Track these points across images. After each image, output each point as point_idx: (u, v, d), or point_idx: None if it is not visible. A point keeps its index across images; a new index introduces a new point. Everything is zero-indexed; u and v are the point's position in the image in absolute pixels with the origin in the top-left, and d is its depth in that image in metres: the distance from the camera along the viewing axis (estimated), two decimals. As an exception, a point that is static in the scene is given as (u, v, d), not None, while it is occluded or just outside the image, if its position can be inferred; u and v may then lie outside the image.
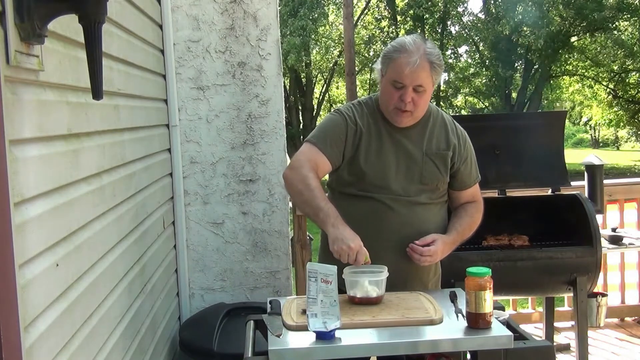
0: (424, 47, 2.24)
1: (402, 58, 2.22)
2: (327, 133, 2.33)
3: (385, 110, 2.32)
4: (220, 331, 2.82)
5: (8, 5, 1.23)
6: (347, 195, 2.32)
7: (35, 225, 1.39)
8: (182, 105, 3.29)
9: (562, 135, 3.64)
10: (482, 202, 2.48)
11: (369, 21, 24.49)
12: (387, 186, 2.30)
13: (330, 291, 1.81)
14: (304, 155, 2.30)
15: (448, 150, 2.36)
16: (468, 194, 2.44)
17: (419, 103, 2.25)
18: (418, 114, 2.30)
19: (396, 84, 2.24)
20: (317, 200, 2.18)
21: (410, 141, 2.34)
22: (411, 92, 2.22)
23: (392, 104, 2.26)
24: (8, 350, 1.15)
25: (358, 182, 2.32)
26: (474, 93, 26.20)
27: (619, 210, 4.29)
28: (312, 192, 2.19)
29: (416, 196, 2.32)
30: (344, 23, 15.62)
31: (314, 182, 2.22)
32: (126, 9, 2.38)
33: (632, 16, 20.30)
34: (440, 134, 2.38)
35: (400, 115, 2.27)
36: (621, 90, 22.72)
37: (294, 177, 2.27)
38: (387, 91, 2.28)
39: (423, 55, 2.22)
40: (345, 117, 2.34)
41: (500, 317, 1.98)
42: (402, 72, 2.21)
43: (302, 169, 2.25)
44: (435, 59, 2.25)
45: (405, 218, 2.27)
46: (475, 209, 2.42)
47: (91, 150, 1.86)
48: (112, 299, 2.00)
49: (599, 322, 3.54)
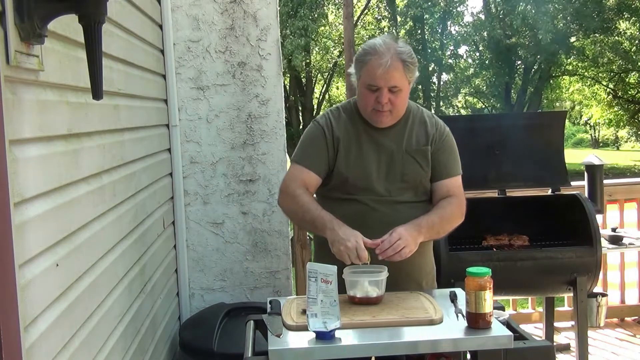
0: (394, 46, 2.24)
1: (373, 60, 2.23)
2: (308, 148, 2.38)
3: (365, 113, 2.33)
4: (220, 331, 2.82)
5: (8, 5, 1.23)
6: (332, 199, 2.33)
7: (35, 226, 1.39)
8: (182, 105, 3.29)
9: (562, 135, 3.63)
10: (463, 198, 2.41)
11: (369, 21, 24.50)
12: (369, 188, 2.31)
13: (330, 291, 1.81)
14: (290, 177, 2.37)
15: (427, 144, 2.36)
16: (444, 187, 2.38)
17: (396, 103, 2.26)
18: (397, 113, 2.31)
19: (371, 87, 2.25)
20: (311, 212, 2.23)
21: (391, 140, 2.34)
22: (387, 93, 2.23)
23: (370, 107, 2.28)
24: (8, 350, 1.15)
25: (341, 185, 2.33)
26: (473, 93, 26.21)
27: (619, 210, 4.29)
28: (304, 206, 2.25)
29: (399, 195, 2.33)
30: (344, 23, 15.62)
31: (305, 198, 2.27)
32: (126, 9, 2.38)
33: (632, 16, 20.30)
34: (419, 131, 2.38)
35: (379, 115, 2.29)
36: (621, 90, 22.73)
37: (286, 201, 2.35)
38: (364, 95, 2.29)
39: (394, 55, 2.22)
40: (322, 127, 2.37)
41: (500, 317, 1.98)
42: (375, 75, 2.22)
43: (289, 189, 2.31)
44: (408, 57, 2.25)
45: (389, 218, 2.26)
46: (447, 202, 2.35)
47: (91, 150, 1.86)
48: (112, 299, 2.00)
49: (599, 322, 3.53)
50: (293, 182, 2.32)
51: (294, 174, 2.35)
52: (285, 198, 2.35)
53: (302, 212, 2.27)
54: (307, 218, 2.25)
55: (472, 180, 3.51)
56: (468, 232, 3.39)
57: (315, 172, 2.33)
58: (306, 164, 2.34)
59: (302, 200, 2.26)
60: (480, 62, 24.10)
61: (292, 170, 2.39)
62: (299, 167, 2.35)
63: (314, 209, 2.23)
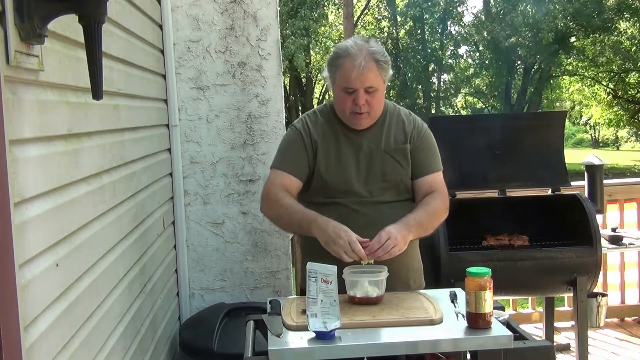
0: (366, 47, 2.24)
1: (347, 63, 2.22)
2: (287, 152, 2.37)
3: (343, 117, 2.33)
4: (220, 331, 2.82)
5: (8, 5, 1.23)
6: (314, 203, 2.30)
7: (35, 226, 1.39)
8: (182, 105, 3.29)
9: (562, 135, 3.64)
10: (446, 193, 2.41)
11: (369, 21, 24.51)
12: (350, 190, 2.31)
13: (330, 291, 1.81)
14: (270, 184, 2.34)
15: (406, 142, 2.36)
16: (426, 183, 2.37)
17: (373, 103, 2.26)
18: (375, 113, 2.31)
19: (347, 90, 2.24)
20: (297, 214, 2.22)
21: (369, 141, 2.34)
22: (363, 94, 2.23)
23: (348, 110, 2.27)
24: (8, 350, 1.15)
25: (322, 189, 2.33)
26: (473, 93, 26.21)
27: (619, 210, 4.30)
28: (288, 209, 2.24)
29: (380, 196, 2.32)
30: (344, 23, 15.64)
31: (287, 200, 2.26)
32: (126, 9, 2.38)
33: (632, 16, 20.31)
34: (397, 129, 2.38)
35: (358, 118, 2.28)
36: (621, 90, 22.73)
37: (268, 207, 2.34)
38: (340, 98, 2.29)
39: (367, 55, 2.22)
40: (299, 131, 2.36)
41: (500, 317, 1.98)
42: (350, 77, 2.22)
43: (270, 195, 2.30)
44: (381, 57, 2.25)
45: (371, 219, 2.26)
46: (432, 197, 2.34)
47: (91, 150, 1.86)
48: (112, 299, 2.00)
49: (599, 322, 3.54)
50: (273, 186, 2.30)
51: (274, 180, 2.33)
52: (267, 204, 2.33)
53: (287, 215, 2.25)
54: (294, 220, 2.23)
55: (472, 180, 3.54)
56: (468, 232, 3.41)
57: (296, 176, 2.31)
58: (286, 168, 2.32)
59: (285, 203, 2.25)
60: (480, 62, 24.11)
61: (271, 176, 2.36)
62: (278, 172, 2.33)
63: (298, 210, 2.22)
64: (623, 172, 20.38)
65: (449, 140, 3.49)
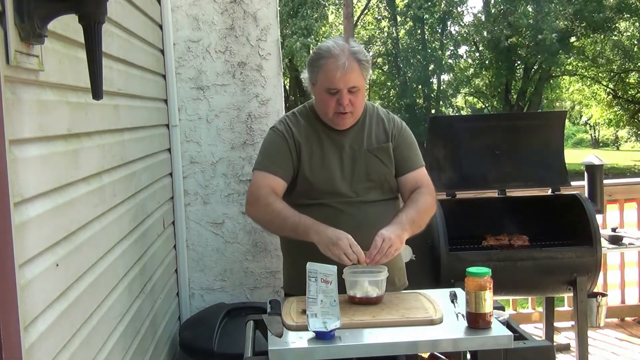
0: (348, 47, 2.25)
1: (330, 64, 2.22)
2: (271, 153, 2.35)
3: (326, 117, 2.32)
4: (220, 331, 2.82)
5: (8, 5, 1.23)
6: (299, 205, 2.29)
7: (35, 225, 1.39)
8: (182, 105, 3.29)
9: (562, 135, 3.64)
10: (432, 187, 2.42)
11: (368, 21, 24.51)
12: (335, 191, 2.30)
13: (330, 291, 1.81)
14: (256, 186, 2.31)
15: (388, 141, 2.37)
16: (412, 179, 2.38)
17: (356, 103, 2.27)
18: (357, 113, 2.32)
19: (330, 90, 2.24)
20: (290, 219, 2.20)
21: (352, 141, 2.35)
22: (347, 94, 2.23)
23: (332, 110, 2.27)
24: (8, 350, 1.15)
25: (307, 191, 2.32)
26: (473, 93, 26.20)
27: (619, 210, 4.30)
28: (281, 213, 2.21)
29: (365, 195, 2.32)
30: (344, 23, 15.64)
31: (279, 204, 2.24)
32: (126, 9, 2.38)
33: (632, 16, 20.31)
34: (378, 129, 2.39)
35: (342, 118, 2.29)
36: (621, 90, 22.73)
37: (257, 211, 2.31)
38: (323, 99, 2.28)
39: (350, 55, 2.22)
40: (282, 133, 2.35)
41: (500, 317, 1.98)
42: (334, 78, 2.21)
43: (260, 199, 2.26)
44: (362, 57, 2.25)
45: (357, 219, 2.26)
46: (419, 193, 2.35)
47: (91, 150, 1.86)
48: (112, 299, 2.00)
49: (599, 322, 3.54)
50: (261, 189, 2.27)
51: (260, 182, 2.30)
52: (256, 208, 2.30)
53: (280, 220, 2.23)
54: (287, 225, 2.21)
55: (472, 180, 3.54)
56: (468, 232, 3.41)
57: (281, 177, 2.30)
58: (271, 170, 2.30)
59: (277, 208, 2.23)
60: (480, 62, 24.08)
61: (256, 178, 2.32)
62: (263, 174, 2.31)
63: (292, 214, 2.20)
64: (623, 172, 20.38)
65: (449, 140, 3.51)
